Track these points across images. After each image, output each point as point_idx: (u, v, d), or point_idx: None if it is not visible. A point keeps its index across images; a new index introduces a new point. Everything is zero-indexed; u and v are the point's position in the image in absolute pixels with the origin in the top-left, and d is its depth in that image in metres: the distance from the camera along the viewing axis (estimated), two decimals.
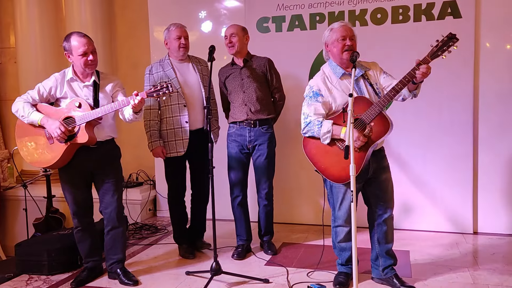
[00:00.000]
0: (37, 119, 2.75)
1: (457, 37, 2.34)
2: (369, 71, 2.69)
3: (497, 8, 3.67)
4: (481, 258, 3.28)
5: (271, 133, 3.38)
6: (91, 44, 2.81)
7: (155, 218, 4.67)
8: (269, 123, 3.37)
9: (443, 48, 2.35)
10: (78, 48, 2.75)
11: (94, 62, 2.81)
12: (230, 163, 3.41)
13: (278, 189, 3.57)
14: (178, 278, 3.02)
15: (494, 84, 3.73)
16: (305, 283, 2.84)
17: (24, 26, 4.63)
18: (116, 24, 4.96)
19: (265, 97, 3.35)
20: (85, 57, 2.76)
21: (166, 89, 2.68)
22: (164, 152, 3.27)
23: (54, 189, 4.14)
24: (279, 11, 4.11)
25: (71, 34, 2.82)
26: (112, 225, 2.95)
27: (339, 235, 2.79)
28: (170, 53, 3.33)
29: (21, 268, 3.19)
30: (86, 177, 2.92)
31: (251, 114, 3.30)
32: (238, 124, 3.35)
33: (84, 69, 2.81)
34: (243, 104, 3.32)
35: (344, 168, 2.47)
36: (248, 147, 3.35)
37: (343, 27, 2.64)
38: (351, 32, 2.64)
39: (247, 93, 3.31)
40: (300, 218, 4.22)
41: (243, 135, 3.34)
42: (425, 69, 2.41)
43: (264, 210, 3.44)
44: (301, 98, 4.02)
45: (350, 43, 2.60)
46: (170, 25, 3.30)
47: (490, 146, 3.78)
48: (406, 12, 3.80)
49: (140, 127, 4.60)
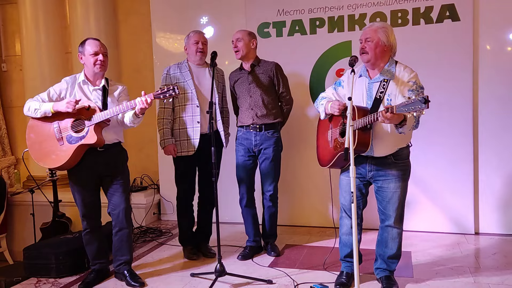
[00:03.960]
0: (50, 107, 2.84)
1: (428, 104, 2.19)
2: (392, 81, 2.59)
3: (495, 11, 3.72)
4: (483, 258, 3.31)
5: (277, 137, 3.43)
6: (103, 47, 2.96)
7: (160, 221, 4.72)
8: (275, 127, 3.42)
9: (410, 107, 2.24)
10: (90, 48, 2.90)
11: (103, 63, 2.92)
12: (237, 166, 3.50)
13: (281, 191, 3.61)
14: (183, 280, 3.07)
15: (493, 85, 3.77)
16: (308, 283, 2.88)
17: (29, 34, 4.70)
18: (120, 30, 5.03)
19: (271, 101, 3.40)
20: (95, 56, 2.88)
21: (172, 91, 2.75)
22: (176, 150, 3.34)
23: (61, 194, 4.20)
24: (280, 16, 4.16)
25: (86, 39, 2.98)
26: (120, 226, 3.01)
27: (342, 227, 2.86)
28: (188, 58, 3.44)
29: (30, 271, 3.25)
30: (94, 179, 2.98)
31: (256, 118, 3.36)
32: (245, 128, 3.43)
33: (94, 70, 2.91)
34: (250, 108, 3.38)
35: (324, 155, 2.87)
36: (254, 151, 3.42)
37: (363, 30, 2.69)
38: (366, 35, 2.63)
39: (253, 98, 3.37)
40: (303, 220, 4.26)
41: (249, 139, 3.41)
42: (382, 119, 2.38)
43: (268, 211, 3.49)
44: (302, 102, 4.13)
45: (362, 45, 2.63)
46: (190, 32, 3.43)
47: (490, 147, 3.81)
48: (405, 15, 3.85)
49: (144, 132, 4.72)
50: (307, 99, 4.12)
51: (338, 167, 2.83)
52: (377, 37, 2.60)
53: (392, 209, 2.71)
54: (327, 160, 2.84)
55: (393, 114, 2.33)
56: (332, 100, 2.81)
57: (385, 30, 2.62)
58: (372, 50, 2.60)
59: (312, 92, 4.12)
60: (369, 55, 2.61)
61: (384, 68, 2.64)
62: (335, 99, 2.81)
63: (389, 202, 2.71)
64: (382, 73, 2.63)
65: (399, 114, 2.35)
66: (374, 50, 2.60)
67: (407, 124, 2.43)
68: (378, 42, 2.60)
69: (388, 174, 2.68)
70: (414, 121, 2.48)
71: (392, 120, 2.39)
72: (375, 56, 2.61)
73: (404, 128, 2.45)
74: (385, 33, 2.62)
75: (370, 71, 2.70)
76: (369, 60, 2.63)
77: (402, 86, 2.58)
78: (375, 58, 2.62)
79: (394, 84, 2.59)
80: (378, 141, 2.61)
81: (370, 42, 2.61)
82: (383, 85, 2.60)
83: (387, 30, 2.64)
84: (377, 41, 2.60)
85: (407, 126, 2.45)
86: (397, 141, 2.64)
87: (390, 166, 2.67)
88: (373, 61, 2.63)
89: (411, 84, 2.57)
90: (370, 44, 2.60)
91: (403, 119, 2.42)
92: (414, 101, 2.23)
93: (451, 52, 3.75)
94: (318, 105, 2.90)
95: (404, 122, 2.43)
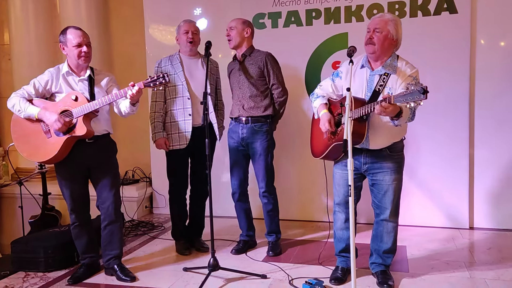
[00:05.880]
0: (35, 112, 2.75)
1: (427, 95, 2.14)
2: (393, 75, 2.55)
3: (492, 3, 3.69)
4: (477, 252, 3.30)
5: (266, 131, 3.30)
6: (86, 36, 2.83)
7: (152, 215, 4.66)
8: (264, 120, 3.30)
9: (408, 97, 2.18)
10: (73, 39, 2.77)
11: (87, 54, 2.81)
12: (229, 159, 3.44)
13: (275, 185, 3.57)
14: (176, 275, 3.02)
15: (490, 80, 3.74)
16: (302, 278, 2.84)
17: (19, 23, 4.60)
18: (111, 21, 4.93)
19: (260, 94, 3.28)
20: (79, 48, 2.77)
21: (162, 79, 2.68)
22: (167, 143, 3.28)
23: (50, 186, 4.12)
24: (275, 7, 4.10)
25: (67, 27, 2.84)
26: (109, 220, 2.94)
27: (336, 222, 2.83)
28: (180, 49, 3.36)
29: (18, 265, 3.17)
30: (83, 172, 2.91)
31: (242, 111, 3.28)
32: (234, 120, 3.36)
33: (78, 61, 2.81)
34: (238, 100, 3.31)
35: (318, 146, 2.85)
36: (243, 144, 3.34)
37: (372, 19, 2.60)
38: (375, 25, 2.54)
39: (242, 90, 3.29)
40: (297, 214, 4.22)
41: (236, 132, 3.34)
42: (379, 109, 2.31)
43: (265, 208, 3.41)
44: (297, 95, 4.07)
45: (370, 35, 2.54)
46: (181, 22, 3.34)
47: (486, 142, 3.79)
48: (402, 7, 3.81)
49: (136, 124, 4.64)
50: (302, 92, 4.07)
51: (331, 158, 2.80)
52: (387, 29, 2.52)
53: (388, 202, 2.68)
54: (321, 151, 2.80)
55: (390, 104, 2.28)
56: (326, 95, 2.77)
57: (395, 23, 2.55)
58: (380, 41, 2.52)
59: (308, 85, 4.07)
60: (375, 46, 2.53)
61: (387, 61, 2.57)
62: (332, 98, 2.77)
63: (384, 195, 2.67)
64: (384, 66, 2.56)
65: (395, 106, 2.31)
66: (383, 42, 2.52)
67: (403, 116, 2.39)
68: (387, 34, 2.53)
69: (383, 166, 2.64)
70: (410, 113, 2.43)
71: (388, 111, 2.32)
72: (381, 48, 2.54)
73: (400, 120, 2.41)
74: (395, 26, 2.55)
75: (373, 63, 2.62)
76: (374, 52, 2.55)
77: (402, 81, 2.52)
78: (381, 51, 2.55)
79: (395, 79, 2.54)
80: (373, 133, 2.57)
81: (379, 33, 2.52)
82: (383, 78, 2.54)
83: (397, 23, 2.56)
84: (386, 33, 2.52)
85: (403, 118, 2.41)
86: (393, 134, 2.61)
87: (386, 158, 2.63)
88: (379, 53, 2.55)
89: (411, 79, 2.50)
90: (379, 36, 2.52)
91: (400, 111, 2.37)
92: (412, 91, 2.18)
93: (449, 45, 3.72)
94: (312, 102, 2.83)
95: (400, 114, 2.38)
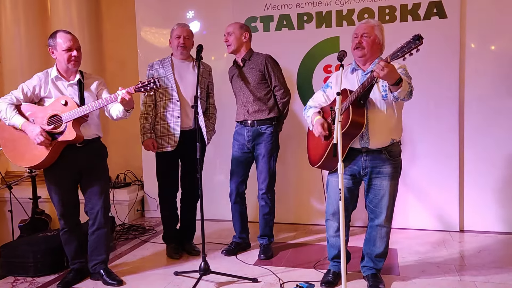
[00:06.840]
0: (19, 123, 2.71)
1: (422, 40, 2.19)
2: None
3: (482, 8, 3.72)
4: (468, 255, 3.31)
5: (271, 133, 3.32)
6: (76, 40, 2.80)
7: (143, 218, 4.63)
8: (269, 122, 3.32)
9: (405, 49, 2.23)
10: (63, 43, 2.75)
11: (77, 58, 2.79)
12: (232, 160, 3.45)
13: None
14: (166, 278, 3.00)
15: (479, 82, 3.78)
16: (294, 282, 2.84)
17: (9, 25, 4.56)
18: (103, 23, 4.92)
19: (263, 97, 3.31)
20: (69, 52, 2.75)
21: (153, 84, 2.67)
22: (155, 145, 3.27)
23: (40, 190, 4.08)
24: (267, 10, 4.11)
25: (57, 31, 2.81)
26: (98, 226, 2.92)
27: (328, 230, 2.83)
28: (173, 52, 3.37)
29: (7, 270, 3.14)
30: (72, 177, 2.88)
31: (247, 115, 3.31)
32: (240, 123, 3.39)
33: (67, 66, 2.78)
34: (242, 105, 3.34)
35: (315, 154, 2.80)
36: (248, 147, 3.36)
37: (358, 25, 2.68)
38: (363, 30, 2.62)
39: (245, 94, 3.32)
40: (288, 217, 4.22)
41: (242, 134, 3.37)
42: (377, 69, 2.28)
43: (261, 211, 3.41)
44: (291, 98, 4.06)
45: (358, 40, 2.61)
46: (174, 25, 3.34)
47: (475, 144, 3.82)
48: (393, 12, 3.84)
49: (127, 128, 4.62)
50: (294, 95, 4.06)
51: (329, 166, 2.74)
52: (374, 34, 2.62)
53: (383, 207, 2.70)
54: (320, 155, 2.74)
55: (388, 63, 2.27)
56: (319, 105, 2.81)
57: (380, 28, 2.67)
58: (369, 45, 2.61)
59: (299, 88, 4.08)
60: (365, 50, 2.60)
61: (375, 62, 2.62)
62: (324, 106, 2.80)
63: (381, 200, 2.69)
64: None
65: (394, 70, 2.30)
66: (372, 46, 2.61)
67: (403, 86, 2.38)
68: (375, 39, 2.62)
69: (382, 171, 2.68)
70: (408, 87, 2.44)
71: (387, 73, 2.27)
72: (370, 52, 2.62)
73: (400, 92, 2.40)
74: (380, 31, 2.66)
75: (362, 66, 2.70)
76: (364, 55, 2.62)
77: None
78: (370, 54, 2.63)
79: None
80: (373, 129, 2.59)
81: (367, 37, 2.61)
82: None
83: (382, 28, 2.69)
84: (374, 37, 2.62)
85: (402, 89, 2.39)
86: (392, 130, 2.65)
87: (385, 163, 2.66)
88: (368, 56, 2.63)
89: (400, 70, 2.54)
90: (368, 40, 2.61)
91: (399, 80, 2.35)
92: (406, 43, 2.21)
93: (438, 49, 3.74)
94: (306, 114, 2.88)
95: (400, 84, 2.36)
